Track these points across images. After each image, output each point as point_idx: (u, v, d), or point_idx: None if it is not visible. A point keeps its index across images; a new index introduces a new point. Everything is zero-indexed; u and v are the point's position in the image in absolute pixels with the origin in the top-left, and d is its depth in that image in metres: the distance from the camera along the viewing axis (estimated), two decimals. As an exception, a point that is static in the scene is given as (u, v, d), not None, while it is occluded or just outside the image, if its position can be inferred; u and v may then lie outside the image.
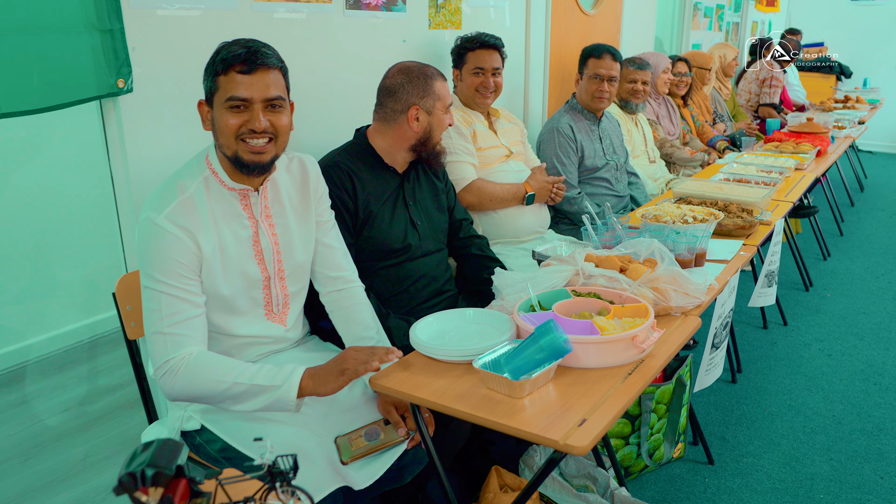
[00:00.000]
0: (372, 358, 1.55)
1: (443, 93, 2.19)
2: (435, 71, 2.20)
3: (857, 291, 4.33)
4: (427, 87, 2.16)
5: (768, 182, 3.16)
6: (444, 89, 2.20)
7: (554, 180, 2.81)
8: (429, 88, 2.16)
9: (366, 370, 1.54)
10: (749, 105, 6.44)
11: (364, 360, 1.56)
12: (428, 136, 2.20)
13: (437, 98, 2.17)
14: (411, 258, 2.21)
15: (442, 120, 2.21)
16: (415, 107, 2.16)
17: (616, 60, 3.24)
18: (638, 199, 3.47)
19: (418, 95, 2.16)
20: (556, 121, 3.25)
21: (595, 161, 3.26)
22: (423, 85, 2.16)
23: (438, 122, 2.21)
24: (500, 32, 3.27)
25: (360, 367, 1.55)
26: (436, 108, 2.18)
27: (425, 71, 2.17)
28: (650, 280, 1.83)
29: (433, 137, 2.21)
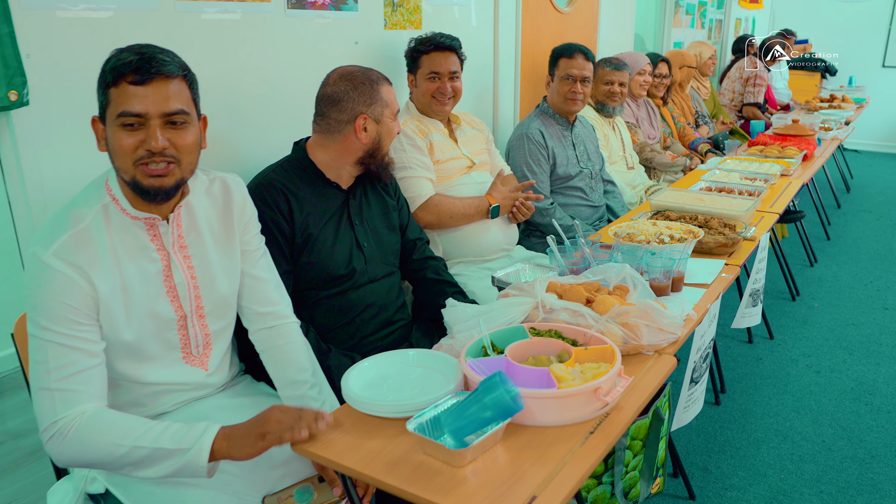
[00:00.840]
0: (298, 424, 1.34)
1: (390, 98, 1.99)
2: (379, 75, 1.99)
3: (845, 300, 4.15)
4: (374, 94, 1.94)
5: (752, 191, 2.96)
6: (390, 94, 1.99)
7: (518, 188, 2.59)
8: (376, 95, 1.94)
9: (290, 438, 1.33)
10: (733, 105, 6.25)
11: (289, 426, 1.34)
12: (377, 147, 1.99)
13: (386, 105, 1.96)
14: (357, 285, 1.99)
15: (391, 128, 2.00)
16: (362, 116, 1.94)
17: (588, 60, 3.03)
18: (615, 209, 3.27)
19: (365, 103, 1.94)
20: (525, 126, 3.03)
21: (568, 169, 3.05)
22: (370, 91, 1.94)
23: (387, 130, 2.00)
24: (466, 32, 3.06)
25: (285, 433, 1.33)
26: (384, 116, 1.96)
27: (370, 76, 1.95)
28: (619, 314, 1.62)
29: (382, 148, 2.00)
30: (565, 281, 1.82)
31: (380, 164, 2.01)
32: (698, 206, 2.56)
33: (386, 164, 2.03)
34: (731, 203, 2.60)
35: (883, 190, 6.89)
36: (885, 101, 8.49)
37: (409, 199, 2.36)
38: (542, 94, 3.18)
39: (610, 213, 3.27)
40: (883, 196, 6.65)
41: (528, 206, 2.62)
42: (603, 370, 1.40)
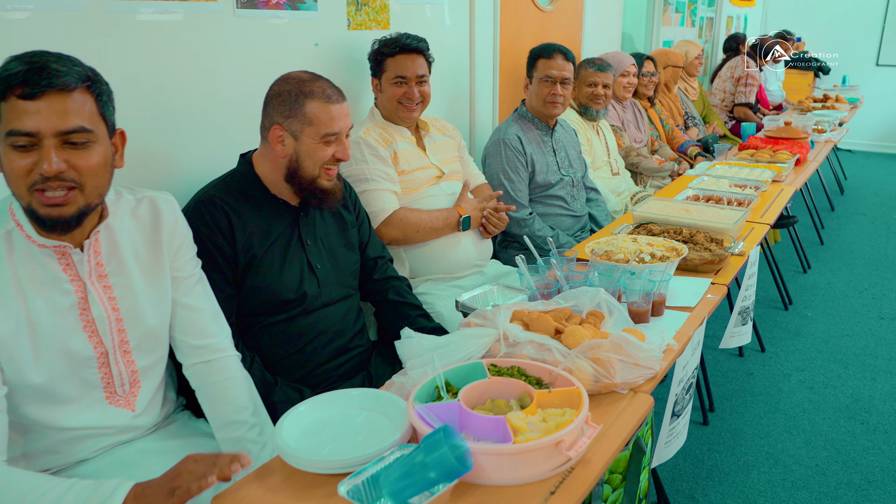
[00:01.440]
0: (210, 471, 1.17)
1: (319, 118, 1.73)
2: (318, 90, 1.74)
3: (839, 309, 4.00)
4: (295, 108, 1.73)
5: (742, 200, 2.80)
6: (321, 113, 1.73)
7: (488, 197, 2.42)
8: (297, 109, 1.73)
9: (200, 488, 1.16)
10: (724, 105, 6.10)
11: (200, 475, 1.17)
12: (296, 167, 1.77)
13: (308, 123, 1.73)
14: (308, 310, 1.82)
15: (314, 151, 1.75)
16: (277, 126, 1.75)
17: (568, 60, 2.87)
18: (598, 218, 3.10)
19: (282, 114, 1.74)
20: (502, 132, 2.87)
21: (548, 177, 2.89)
22: (292, 103, 1.74)
23: (308, 152, 1.75)
24: (440, 32, 2.89)
25: (194, 483, 1.16)
26: (304, 135, 1.74)
27: (303, 88, 1.74)
28: (590, 348, 1.46)
29: (303, 170, 1.76)
30: (534, 307, 1.66)
31: (306, 188, 1.78)
32: (684, 217, 2.39)
33: (322, 191, 1.79)
34: (718, 214, 2.44)
35: (877, 191, 6.75)
36: (879, 101, 8.35)
37: (371, 213, 2.19)
38: (522, 98, 3.01)
39: (593, 222, 3.10)
40: (877, 198, 6.51)
41: (501, 218, 2.45)
42: (567, 419, 1.23)
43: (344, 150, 1.78)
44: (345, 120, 1.77)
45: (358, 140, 2.26)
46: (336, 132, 1.76)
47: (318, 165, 1.76)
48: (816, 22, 8.60)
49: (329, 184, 1.80)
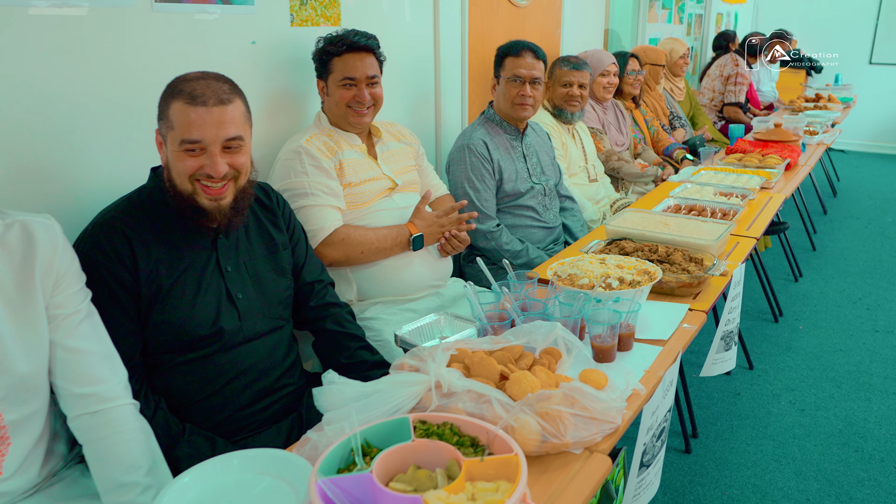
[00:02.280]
0: None
1: (178, 121, 1.46)
2: (189, 89, 1.47)
3: (832, 321, 3.79)
4: (163, 107, 1.50)
5: (727, 211, 2.58)
6: (180, 116, 1.46)
7: (447, 212, 2.19)
8: (165, 110, 1.49)
9: None
10: (713, 104, 5.89)
11: None
12: (171, 179, 1.53)
13: (170, 126, 1.48)
14: (226, 347, 1.59)
15: (176, 160, 1.49)
16: (157, 130, 1.54)
17: (539, 59, 2.64)
18: (573, 229, 2.88)
19: (158, 116, 1.52)
20: (467, 136, 2.64)
21: (517, 185, 2.66)
22: (163, 103, 1.50)
23: (172, 161, 1.50)
24: (399, 28, 2.66)
25: None
26: (168, 140, 1.50)
27: (176, 85, 1.49)
28: (538, 400, 1.23)
29: (175, 183, 1.51)
30: (481, 345, 1.43)
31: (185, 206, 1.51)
32: (661, 232, 2.17)
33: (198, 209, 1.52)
34: (699, 229, 2.22)
35: (871, 194, 6.55)
36: (872, 100, 8.15)
37: (310, 232, 1.96)
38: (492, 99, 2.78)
39: (567, 233, 2.88)
40: (871, 200, 6.31)
41: (461, 239, 2.22)
42: (500, 497, 1.01)
43: (213, 165, 1.48)
44: (214, 128, 1.47)
45: (298, 149, 2.04)
46: (196, 140, 1.46)
47: (185, 178, 1.50)
48: (809, 19, 8.40)
49: (208, 203, 1.51)
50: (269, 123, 2.20)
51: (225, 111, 1.47)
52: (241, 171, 1.55)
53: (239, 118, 1.51)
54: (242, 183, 1.57)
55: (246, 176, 1.58)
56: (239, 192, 1.56)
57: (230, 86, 1.53)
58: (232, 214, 1.56)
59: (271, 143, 2.19)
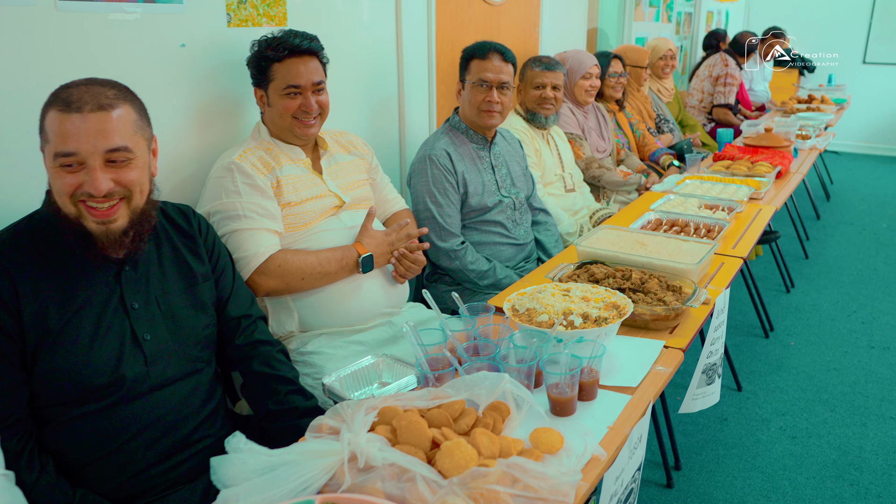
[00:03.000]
0: None
1: (52, 132, 1.27)
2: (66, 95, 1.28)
3: (825, 337, 3.59)
4: (41, 117, 1.30)
5: (712, 227, 2.38)
6: (53, 126, 1.27)
7: (399, 230, 1.98)
8: (41, 119, 1.30)
9: None
10: (702, 106, 5.69)
11: None
12: (53, 199, 1.33)
13: (46, 140, 1.29)
14: (129, 397, 1.38)
15: (54, 177, 1.30)
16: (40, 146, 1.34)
17: (507, 61, 2.43)
18: (546, 245, 2.67)
19: (39, 129, 1.32)
20: (429, 146, 2.43)
21: (484, 199, 2.45)
22: (42, 112, 1.30)
23: (52, 178, 1.31)
24: (357, 29, 2.45)
25: None
26: (46, 154, 1.30)
27: (61, 92, 1.29)
28: (473, 478, 1.02)
29: (57, 204, 1.32)
30: (415, 402, 1.22)
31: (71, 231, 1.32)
32: (637, 255, 1.97)
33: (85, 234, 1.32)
34: (679, 250, 2.01)
35: (864, 197, 6.37)
36: (866, 100, 7.97)
37: (242, 259, 1.75)
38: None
39: (540, 249, 2.67)
40: (865, 204, 6.13)
41: (415, 261, 2.02)
42: None
43: (92, 182, 1.27)
44: (91, 138, 1.26)
45: (230, 166, 1.82)
46: (70, 153, 1.26)
47: (66, 198, 1.29)
48: (802, 18, 8.21)
49: (96, 227, 1.31)
50: (201, 136, 1.99)
51: (105, 118, 1.26)
52: (133, 190, 1.33)
53: (125, 127, 1.29)
54: (138, 203, 1.35)
55: (143, 196, 1.36)
56: (135, 214, 1.35)
57: (117, 91, 1.32)
58: (130, 241, 1.34)
59: (205, 158, 1.97)
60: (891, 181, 7.01)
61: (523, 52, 3.56)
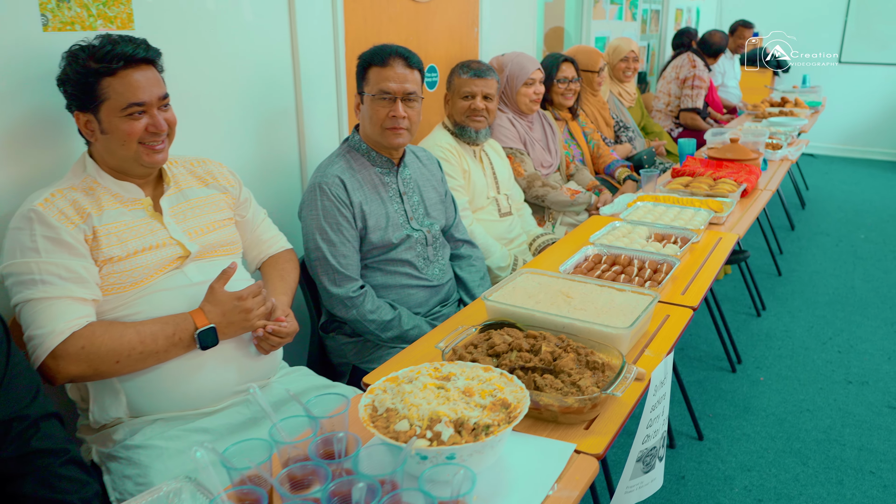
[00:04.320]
0: None
1: None
2: None
3: (798, 370, 3.23)
4: None
5: (660, 264, 1.99)
6: None
7: (251, 293, 1.56)
8: None
9: None
10: (668, 110, 5.32)
11: None
12: None
13: None
14: None
15: None
16: None
17: (412, 67, 2.03)
18: (469, 284, 2.27)
19: None
20: (320, 172, 2.02)
21: (388, 234, 2.05)
22: None
23: None
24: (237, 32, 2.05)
25: None
26: None
27: None
28: None
29: None
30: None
31: None
32: (557, 313, 1.57)
33: None
34: (611, 305, 1.62)
35: (841, 205, 6.04)
36: (842, 101, 7.67)
37: (33, 339, 1.34)
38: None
39: (462, 289, 2.28)
40: (841, 212, 5.80)
41: (280, 333, 1.61)
42: None
43: None
44: None
45: (30, 215, 1.40)
46: None
47: None
48: (775, 16, 7.88)
49: None
50: (6, 170, 1.56)
51: None
52: None
53: None
54: None
55: None
56: None
57: None
58: None
59: (11, 200, 1.55)
60: (868, 186, 6.70)
61: (459, 56, 3.16)
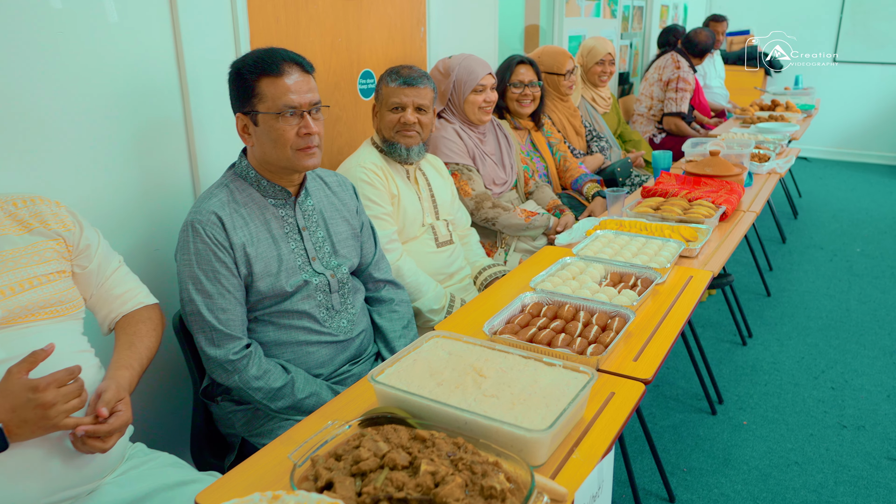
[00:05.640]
0: None
1: None
2: None
3: (786, 412, 2.87)
4: None
5: (611, 317, 1.62)
6: None
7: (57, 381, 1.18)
8: None
9: None
10: (651, 114, 4.96)
11: None
12: None
13: None
14: None
15: None
16: None
17: (309, 72, 1.66)
18: (389, 334, 1.90)
19: None
20: (195, 209, 1.65)
21: (280, 281, 1.67)
22: None
23: None
24: (96, 35, 1.67)
25: None
26: None
27: None
28: None
29: None
30: None
31: None
32: (457, 406, 1.20)
33: None
34: (533, 389, 1.25)
35: (836, 214, 5.68)
36: (837, 102, 7.31)
37: None
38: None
39: (381, 341, 1.90)
40: (836, 223, 5.44)
41: (96, 431, 1.23)
42: None
43: None
44: None
45: None
46: None
47: None
48: (768, 13, 7.51)
49: None
50: None
51: None
52: None
53: None
54: None
55: None
56: None
57: None
58: None
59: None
60: (864, 193, 6.35)
61: (402, 59, 2.79)
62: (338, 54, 2.45)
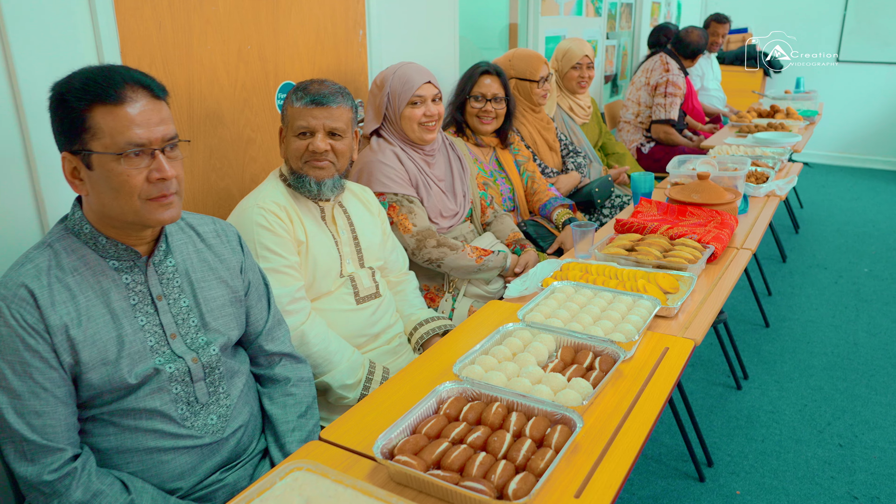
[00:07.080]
0: None
1: None
2: None
3: (786, 478, 2.46)
4: None
5: (553, 425, 1.22)
6: None
7: None
8: None
9: None
10: (638, 121, 4.55)
11: None
12: None
13: None
14: None
15: None
16: None
17: (159, 96, 1.25)
18: (279, 426, 1.49)
19: None
20: (2, 281, 1.24)
21: (119, 371, 1.27)
22: None
23: None
24: None
25: None
26: None
27: None
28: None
29: None
30: None
31: None
32: None
33: None
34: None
35: (841, 227, 5.26)
36: (841, 104, 6.89)
37: None
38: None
39: (271, 435, 1.50)
40: (841, 237, 5.03)
41: None
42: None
43: None
44: None
45: None
46: None
47: None
48: (768, 11, 7.09)
49: None
50: None
51: None
52: None
53: None
54: None
55: None
56: None
57: None
58: None
59: None
60: (870, 202, 5.93)
61: (335, 69, 2.38)
62: (247, 65, 2.04)
